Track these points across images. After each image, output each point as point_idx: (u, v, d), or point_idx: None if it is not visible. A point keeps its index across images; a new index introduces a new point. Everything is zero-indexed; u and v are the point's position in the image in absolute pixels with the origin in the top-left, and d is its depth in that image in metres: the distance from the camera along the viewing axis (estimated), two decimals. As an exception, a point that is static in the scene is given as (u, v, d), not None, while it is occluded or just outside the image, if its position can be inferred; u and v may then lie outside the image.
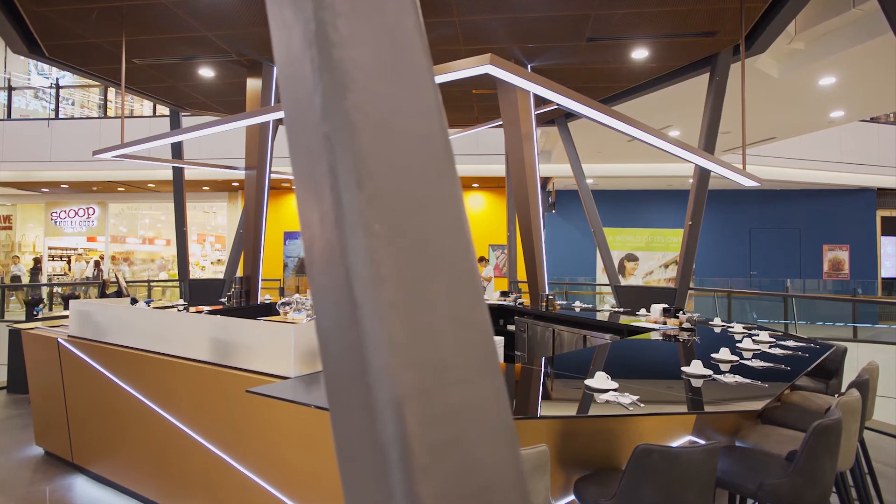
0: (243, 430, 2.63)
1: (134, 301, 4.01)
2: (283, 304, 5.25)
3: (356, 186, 0.33)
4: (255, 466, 2.60)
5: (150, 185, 13.69)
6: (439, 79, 2.69)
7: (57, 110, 13.87)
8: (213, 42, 5.36)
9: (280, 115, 3.81)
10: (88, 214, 15.55)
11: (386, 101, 0.36)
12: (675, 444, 2.38)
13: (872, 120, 11.75)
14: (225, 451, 2.73)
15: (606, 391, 2.19)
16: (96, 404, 3.50)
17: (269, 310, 5.85)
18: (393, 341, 0.32)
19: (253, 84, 6.01)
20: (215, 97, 7.07)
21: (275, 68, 6.02)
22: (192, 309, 5.28)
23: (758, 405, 2.06)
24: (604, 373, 2.28)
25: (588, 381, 2.29)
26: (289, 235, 14.04)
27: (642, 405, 1.99)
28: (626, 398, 2.08)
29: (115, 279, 5.22)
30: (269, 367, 2.51)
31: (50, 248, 15.76)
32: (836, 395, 3.58)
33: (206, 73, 6.23)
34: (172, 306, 5.65)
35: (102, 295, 5.26)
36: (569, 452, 2.12)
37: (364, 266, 0.34)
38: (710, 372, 2.57)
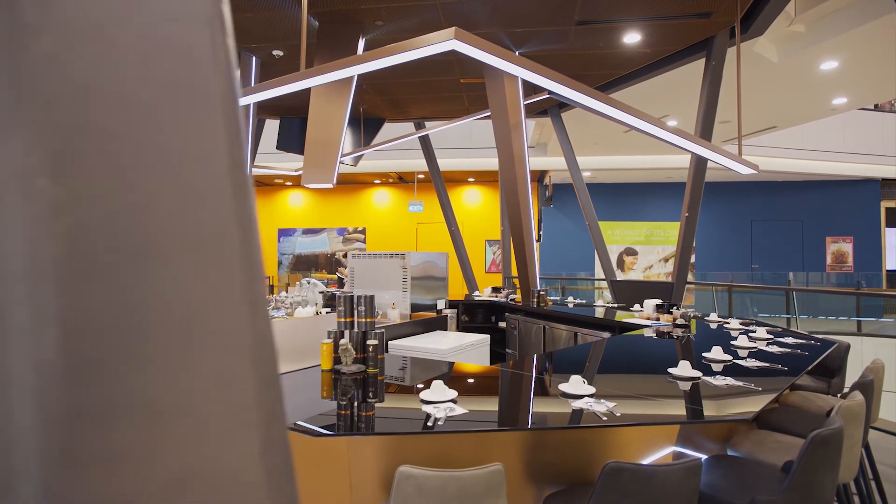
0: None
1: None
2: (262, 302, 5.05)
3: (13, 117, 0.22)
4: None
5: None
6: (403, 57, 2.48)
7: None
8: (187, 30, 5.14)
9: (251, 99, 3.59)
10: (81, 213, 15.42)
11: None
12: (658, 454, 2.17)
13: (876, 108, 11.47)
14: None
15: (581, 397, 1.97)
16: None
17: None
18: (46, 370, 0.21)
19: (231, 75, 5.79)
20: (196, 90, 6.86)
21: (252, 57, 5.83)
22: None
23: (748, 413, 1.84)
24: (579, 376, 2.07)
25: (563, 386, 2.08)
26: (283, 232, 13.86)
27: (618, 414, 1.78)
28: (602, 405, 1.87)
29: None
30: (216, 373, 2.30)
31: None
32: (839, 395, 3.36)
33: (184, 64, 6.01)
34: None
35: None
36: (538, 465, 1.91)
37: (13, 248, 0.22)
38: (698, 374, 2.36)
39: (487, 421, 1.90)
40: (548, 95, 6.06)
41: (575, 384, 2.05)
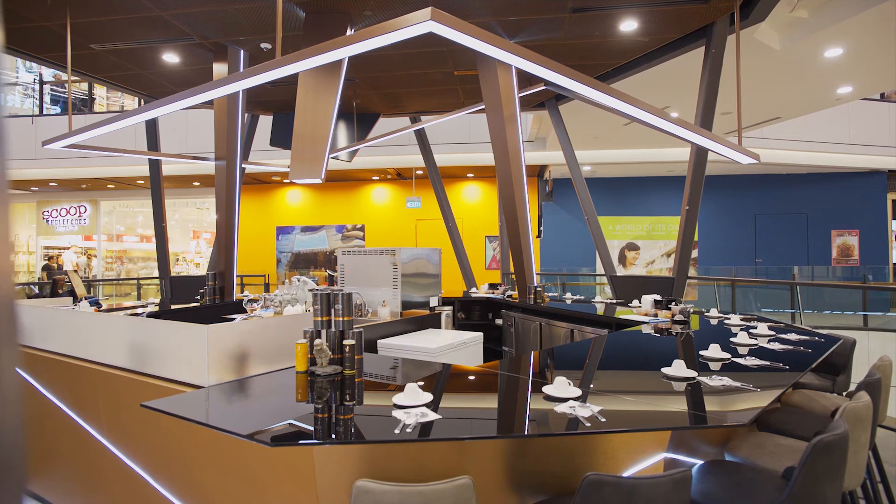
0: (161, 447, 2.31)
1: (75, 300, 3.71)
2: (250, 300, 4.94)
3: None
4: (177, 491, 2.28)
5: (139, 181, 13.43)
6: (380, 41, 2.34)
7: (41, 107, 13.64)
8: (171, 23, 5.02)
9: (227, 90, 3.47)
10: (80, 213, 15.35)
11: None
12: (649, 461, 2.03)
13: (882, 98, 11.25)
14: (147, 471, 2.42)
15: (565, 400, 1.84)
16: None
17: (240, 307, 5.54)
18: None
19: (219, 69, 5.67)
20: (184, 85, 6.74)
21: (240, 51, 5.70)
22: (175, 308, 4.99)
23: (744, 417, 1.70)
24: (564, 378, 1.94)
25: (547, 388, 1.95)
26: (281, 230, 13.77)
27: (603, 419, 1.65)
28: (586, 410, 1.73)
29: (67, 278, 4.93)
30: (182, 375, 2.18)
31: (45, 248, 15.61)
32: (844, 394, 3.21)
33: (171, 58, 5.90)
34: (143, 305, 5.37)
35: (53, 294, 4.98)
36: (518, 474, 1.78)
37: None
38: (693, 374, 2.22)
39: (465, 418, 1.77)
40: (544, 87, 5.90)
41: (560, 386, 1.91)
